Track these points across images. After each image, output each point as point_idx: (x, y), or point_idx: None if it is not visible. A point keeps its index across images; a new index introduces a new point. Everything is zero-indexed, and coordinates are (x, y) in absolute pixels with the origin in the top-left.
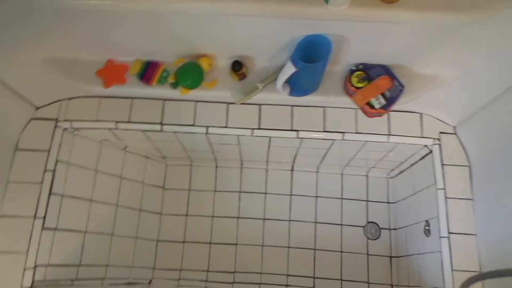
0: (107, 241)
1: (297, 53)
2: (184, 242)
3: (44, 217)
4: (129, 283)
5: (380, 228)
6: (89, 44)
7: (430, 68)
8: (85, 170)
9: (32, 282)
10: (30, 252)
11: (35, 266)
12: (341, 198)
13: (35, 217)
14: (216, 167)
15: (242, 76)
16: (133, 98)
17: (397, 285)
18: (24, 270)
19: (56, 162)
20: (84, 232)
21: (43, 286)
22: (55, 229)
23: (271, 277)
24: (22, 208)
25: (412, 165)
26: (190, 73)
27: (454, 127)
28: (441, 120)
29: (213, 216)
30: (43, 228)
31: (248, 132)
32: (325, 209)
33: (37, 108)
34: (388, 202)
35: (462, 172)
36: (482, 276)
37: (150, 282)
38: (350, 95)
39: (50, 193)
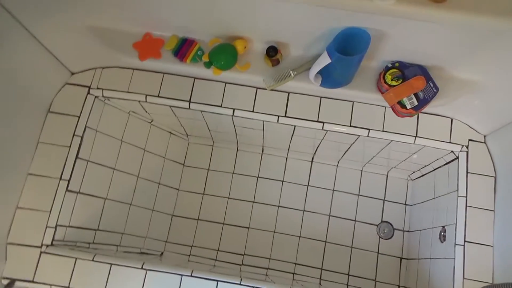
0: (125, 210)
1: (334, 44)
2: (198, 219)
3: (69, 180)
4: (142, 253)
5: (394, 229)
6: (131, 15)
7: (468, 73)
8: (112, 139)
9: (52, 240)
10: (53, 211)
11: (56, 226)
12: (358, 195)
13: (60, 178)
14: (237, 150)
15: (276, 62)
16: (164, 73)
17: (404, 287)
18: (46, 228)
19: (85, 128)
20: (104, 199)
21: (62, 245)
22: (78, 192)
23: (279, 264)
24: (49, 168)
25: (435, 169)
26: (224, 54)
27: (484, 136)
28: (471, 127)
29: (229, 198)
30: (67, 190)
31: (274, 118)
32: (340, 203)
33: (72, 74)
34: (405, 204)
35: (486, 182)
36: (494, 287)
37: (161, 254)
38: (382, 93)
39: (76, 157)
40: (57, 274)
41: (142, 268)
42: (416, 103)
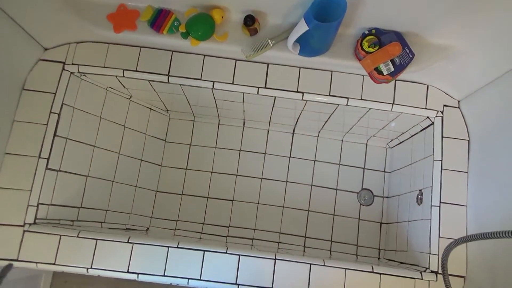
0: (107, 187)
1: (311, 11)
2: (182, 194)
3: (48, 158)
4: (127, 229)
5: (374, 195)
6: None
7: (443, 38)
8: (90, 115)
9: (35, 218)
10: (33, 190)
11: (38, 204)
12: (339, 164)
13: (39, 157)
14: (219, 124)
15: (254, 32)
16: (141, 47)
17: (384, 249)
18: (28, 206)
19: (62, 105)
20: (86, 176)
21: (45, 224)
22: (58, 170)
23: (264, 234)
24: (27, 147)
25: (412, 136)
26: (201, 24)
27: (458, 101)
28: (446, 93)
29: (212, 172)
30: (46, 168)
31: (254, 90)
32: (322, 173)
33: (45, 50)
34: (384, 171)
35: (460, 145)
36: (466, 238)
37: (147, 229)
38: (359, 60)
39: (54, 135)
40: (42, 252)
41: (128, 242)
42: (392, 69)
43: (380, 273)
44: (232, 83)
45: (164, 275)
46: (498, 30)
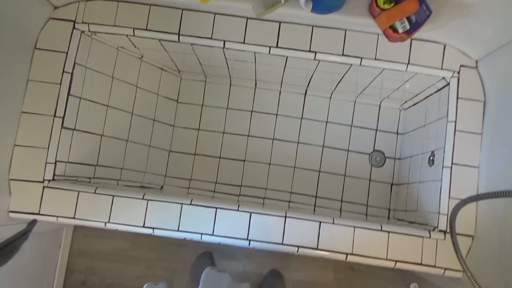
0: (122, 146)
1: None
2: (195, 154)
3: (63, 117)
4: (142, 187)
5: (386, 157)
6: None
7: None
8: (102, 75)
9: (53, 175)
10: (50, 148)
11: (56, 161)
12: (351, 126)
13: (54, 116)
14: (230, 85)
15: None
16: (151, 4)
17: (394, 210)
18: (46, 163)
19: (74, 64)
20: (101, 135)
21: (63, 180)
22: (74, 129)
23: (275, 193)
24: (42, 106)
25: (426, 97)
26: None
27: (476, 61)
28: (464, 53)
29: (224, 133)
30: (62, 127)
31: (265, 49)
32: (333, 134)
33: (55, 8)
34: (397, 133)
35: (476, 106)
36: (475, 197)
37: (161, 187)
38: (374, 17)
39: (68, 94)
40: (61, 207)
41: (143, 198)
42: (408, 26)
43: (388, 231)
44: (243, 42)
45: (178, 230)
46: None
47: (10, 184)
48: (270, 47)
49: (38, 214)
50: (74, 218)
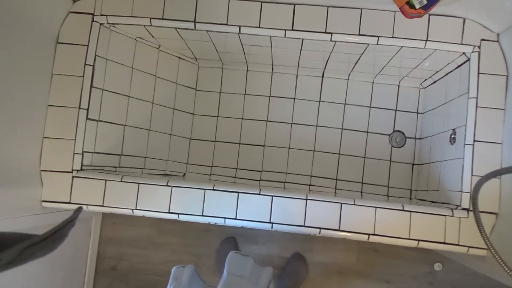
0: (144, 136)
1: None
2: (215, 141)
3: (88, 109)
4: (165, 174)
5: (406, 137)
6: None
7: None
8: (122, 66)
9: (81, 165)
10: (77, 139)
11: (83, 152)
12: (370, 107)
13: (79, 108)
14: (247, 70)
15: None
16: None
17: (416, 190)
18: (74, 154)
19: (95, 57)
20: (124, 125)
21: (91, 170)
22: (98, 120)
23: (296, 177)
24: (67, 99)
25: (446, 74)
26: None
27: (497, 35)
28: (484, 26)
29: (242, 119)
30: (87, 118)
31: (281, 33)
32: (352, 116)
33: (74, 1)
34: (417, 112)
35: (498, 81)
36: (497, 172)
37: (184, 175)
38: None
39: (91, 86)
40: (90, 195)
41: (167, 185)
42: (425, 1)
43: (410, 211)
44: (259, 27)
45: (202, 215)
46: None
47: (42, 175)
48: (285, 30)
49: (69, 203)
50: (103, 205)
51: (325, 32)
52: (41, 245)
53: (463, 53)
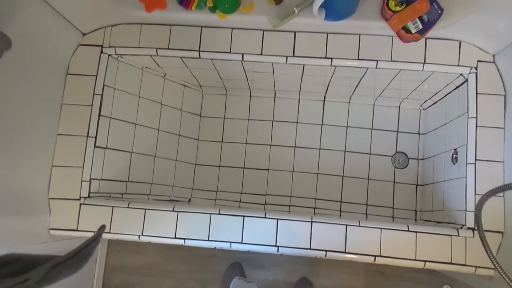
0: (150, 162)
1: None
2: (220, 166)
3: (96, 137)
4: (171, 200)
5: (409, 158)
6: None
7: None
8: (129, 95)
9: (89, 192)
10: (85, 167)
11: (90, 179)
12: (372, 129)
13: (87, 136)
14: (250, 96)
15: (279, 1)
16: (172, 25)
17: (421, 211)
18: (81, 182)
19: (103, 86)
20: (130, 152)
21: (98, 197)
22: (106, 148)
23: (301, 200)
24: (75, 128)
25: (445, 95)
26: None
27: (493, 56)
28: (480, 48)
29: (246, 143)
30: (95, 146)
31: (282, 59)
32: (355, 138)
33: (84, 35)
34: (419, 133)
35: (496, 101)
36: (498, 189)
37: (189, 200)
38: (386, 20)
39: (99, 115)
40: (98, 222)
41: (173, 210)
42: (420, 26)
43: (416, 232)
44: (261, 54)
45: (208, 240)
46: None
47: (50, 203)
48: (287, 57)
49: (77, 230)
50: (110, 232)
51: (325, 58)
52: (67, 264)
53: (461, 74)
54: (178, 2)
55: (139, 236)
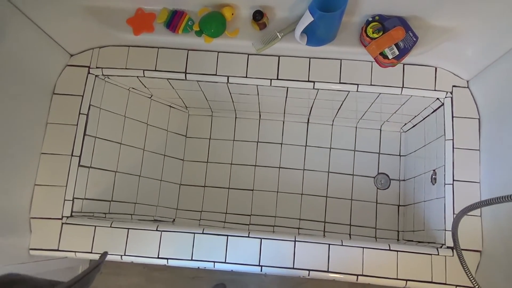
0: (135, 182)
1: (315, 3)
2: (204, 186)
3: (80, 156)
4: (155, 220)
5: (390, 179)
6: None
7: (445, 20)
8: (115, 115)
9: (71, 212)
10: (68, 186)
11: (73, 198)
12: (354, 150)
13: (72, 155)
14: (236, 118)
15: (263, 26)
16: (159, 47)
17: (403, 231)
18: (64, 201)
19: (89, 106)
20: (115, 172)
21: (81, 216)
22: (90, 167)
23: (285, 220)
24: (60, 147)
25: (424, 118)
26: (214, 22)
27: (467, 81)
28: (454, 74)
29: (231, 164)
30: (79, 165)
31: (267, 82)
32: (338, 160)
33: (71, 56)
34: (400, 155)
35: (471, 124)
36: (471, 207)
37: (173, 220)
38: (365, 46)
39: (84, 134)
40: (79, 242)
41: (157, 230)
42: (397, 52)
43: (397, 251)
44: (246, 77)
45: (191, 259)
46: (501, 4)
47: (31, 222)
48: (271, 80)
49: (57, 250)
50: (91, 252)
51: (308, 81)
52: None
53: (437, 98)
54: (165, 26)
55: (121, 256)
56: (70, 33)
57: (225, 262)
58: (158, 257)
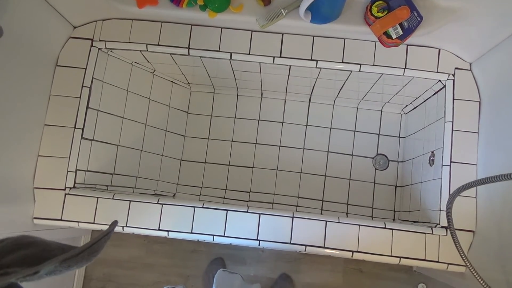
0: (137, 156)
1: None
2: (205, 162)
3: (83, 128)
4: (156, 194)
5: (389, 160)
6: None
7: (451, 0)
8: (118, 89)
9: (74, 183)
10: (71, 157)
11: (76, 170)
12: (354, 131)
13: (75, 127)
14: (238, 95)
15: (268, 2)
16: (162, 21)
17: (399, 211)
18: (67, 172)
19: (92, 79)
20: (117, 145)
21: (83, 187)
22: (92, 140)
23: (284, 198)
24: (63, 119)
25: (425, 100)
26: None
27: (470, 64)
28: (458, 56)
29: (232, 141)
30: (82, 137)
31: (269, 59)
32: (338, 140)
33: (75, 28)
34: (399, 137)
35: (471, 106)
36: (466, 186)
37: (174, 195)
38: (369, 25)
39: (87, 107)
40: (82, 212)
41: (158, 203)
42: (401, 32)
43: (392, 229)
44: (249, 54)
45: (191, 232)
46: None
47: (34, 192)
48: (274, 57)
49: (61, 219)
50: (93, 223)
51: (311, 60)
52: (79, 258)
53: (439, 80)
54: None
55: (123, 227)
56: (74, 5)
57: (224, 236)
58: (158, 229)
